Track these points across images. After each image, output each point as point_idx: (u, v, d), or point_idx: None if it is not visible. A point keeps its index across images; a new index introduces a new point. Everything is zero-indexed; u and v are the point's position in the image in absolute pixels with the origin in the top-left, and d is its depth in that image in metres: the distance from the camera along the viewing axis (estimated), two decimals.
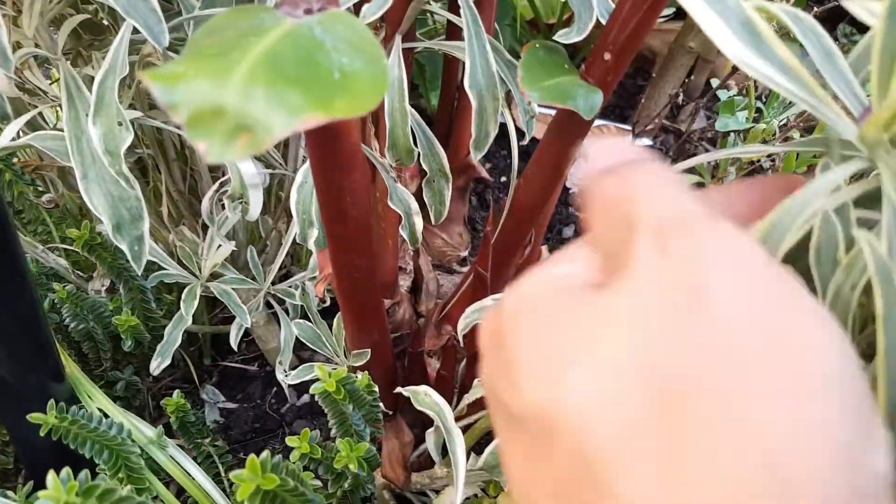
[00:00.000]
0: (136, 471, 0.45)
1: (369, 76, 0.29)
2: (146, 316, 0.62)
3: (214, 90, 0.27)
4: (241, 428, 0.70)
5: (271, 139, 0.26)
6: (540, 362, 0.21)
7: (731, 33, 0.26)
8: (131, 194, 0.51)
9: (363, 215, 0.44)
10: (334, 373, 0.46)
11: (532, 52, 0.43)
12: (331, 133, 0.38)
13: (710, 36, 0.26)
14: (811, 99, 0.25)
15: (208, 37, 0.32)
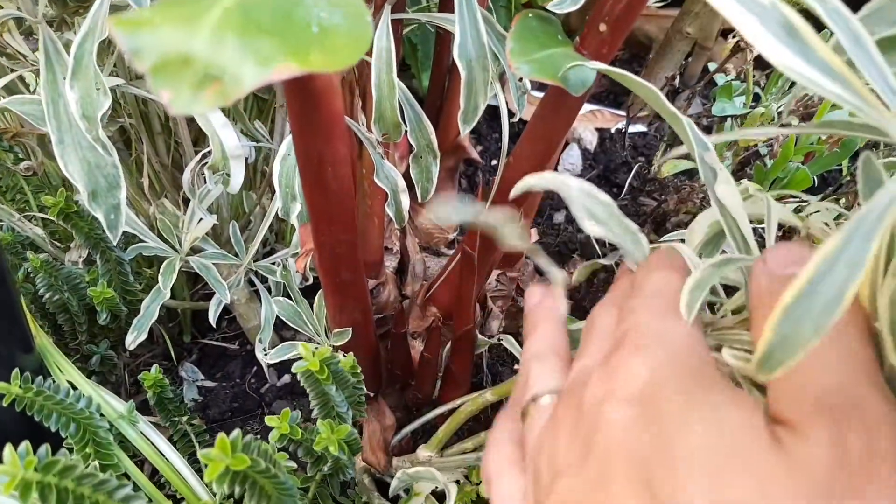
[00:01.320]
0: (105, 446, 0.44)
1: (349, 31, 0.27)
2: (124, 289, 0.61)
3: (182, 37, 0.25)
4: (220, 407, 0.68)
5: (241, 90, 0.25)
6: (712, 474, 0.23)
7: (773, 37, 0.24)
8: (108, 161, 0.50)
9: (345, 187, 0.42)
10: (318, 352, 0.45)
11: (524, 21, 0.42)
12: (312, 98, 0.36)
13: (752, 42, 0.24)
14: (859, 102, 0.23)
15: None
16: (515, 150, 0.52)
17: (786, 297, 0.19)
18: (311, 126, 0.38)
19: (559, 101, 0.46)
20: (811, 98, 0.57)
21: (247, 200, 0.71)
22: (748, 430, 0.24)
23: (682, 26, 0.97)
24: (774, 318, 0.19)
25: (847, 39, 0.25)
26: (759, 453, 0.23)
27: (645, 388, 0.27)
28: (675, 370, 0.27)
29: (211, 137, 0.52)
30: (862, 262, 0.19)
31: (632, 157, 0.98)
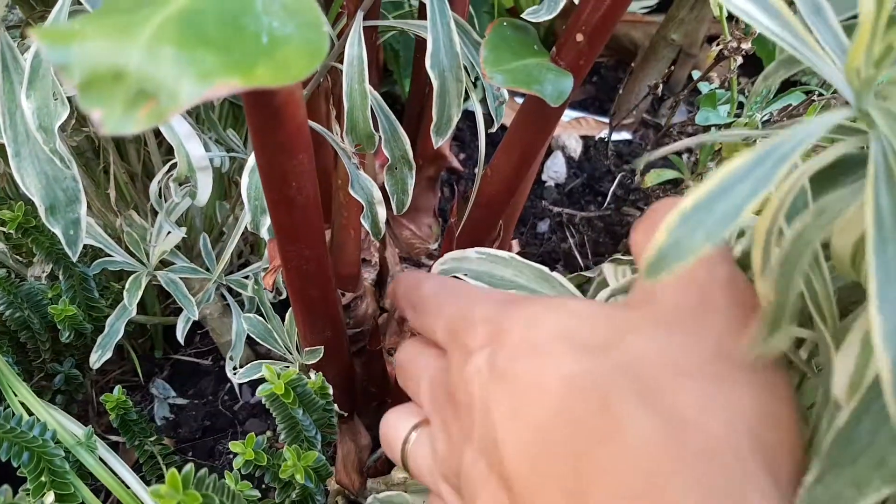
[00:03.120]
0: (61, 475, 0.42)
1: (302, 43, 0.25)
2: (89, 305, 0.59)
3: (115, 50, 0.23)
4: (191, 426, 0.66)
5: (177, 107, 0.23)
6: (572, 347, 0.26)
7: None
8: (67, 174, 0.47)
9: (311, 202, 0.40)
10: (284, 374, 0.43)
11: (498, 30, 0.40)
12: (272, 111, 0.34)
13: None
14: (795, 41, 0.23)
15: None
16: (493, 162, 0.50)
17: (685, 203, 0.19)
18: (272, 140, 0.36)
19: (536, 111, 0.44)
20: (796, 108, 0.56)
21: (220, 212, 0.69)
22: (593, 307, 0.28)
23: (667, 33, 0.96)
24: (670, 222, 0.19)
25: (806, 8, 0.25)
26: (606, 312, 0.27)
27: (490, 333, 0.29)
28: (507, 308, 0.30)
29: (176, 148, 0.50)
30: (767, 182, 0.19)
31: (617, 166, 0.97)
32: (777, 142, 0.20)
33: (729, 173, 0.19)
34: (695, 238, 0.19)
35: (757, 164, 0.20)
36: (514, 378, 0.27)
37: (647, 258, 0.19)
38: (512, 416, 0.26)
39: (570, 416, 0.25)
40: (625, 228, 0.84)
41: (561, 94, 0.40)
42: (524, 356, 0.27)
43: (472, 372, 0.29)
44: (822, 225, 0.21)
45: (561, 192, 0.94)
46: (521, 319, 0.29)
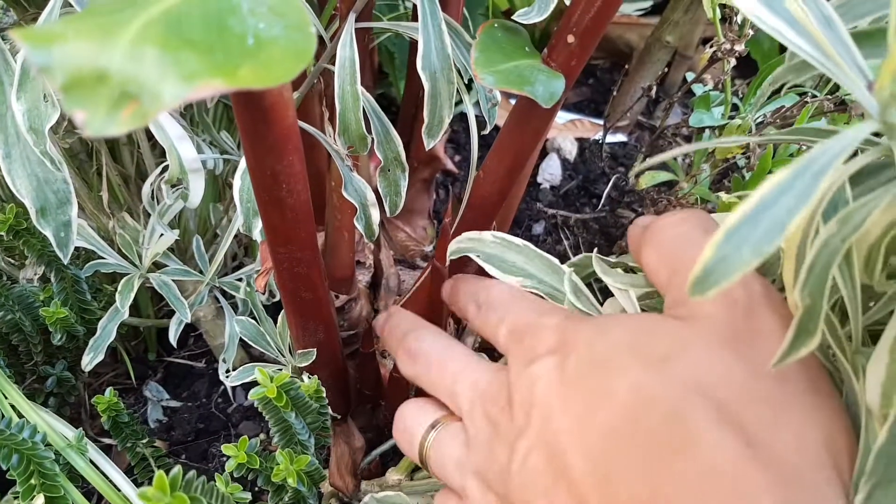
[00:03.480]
0: (50, 478, 0.42)
1: (289, 44, 0.25)
2: (81, 308, 0.58)
3: (98, 51, 0.23)
4: (184, 428, 0.66)
5: (159, 109, 0.22)
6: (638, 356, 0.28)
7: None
8: (58, 176, 0.47)
9: (302, 204, 0.40)
10: (276, 377, 0.43)
11: (489, 31, 0.40)
12: (262, 112, 0.34)
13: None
14: (820, 56, 0.24)
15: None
16: (485, 164, 0.50)
17: (730, 220, 0.20)
18: (262, 141, 0.36)
19: (528, 113, 0.44)
20: (789, 110, 0.56)
21: (214, 214, 0.69)
22: (651, 319, 0.29)
23: (661, 35, 0.96)
24: (717, 239, 0.19)
25: (818, 21, 0.25)
26: (667, 326, 0.28)
27: (559, 340, 0.31)
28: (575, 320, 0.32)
29: (168, 150, 0.50)
30: (809, 196, 0.19)
31: (612, 168, 0.97)
32: (813, 155, 0.20)
33: (771, 188, 0.20)
34: (742, 254, 0.19)
35: (797, 177, 0.20)
36: (583, 385, 0.28)
37: (693, 276, 0.20)
38: (580, 421, 0.27)
39: (640, 424, 0.26)
40: (619, 230, 0.84)
41: (552, 95, 0.40)
42: (592, 365, 0.29)
43: (538, 374, 0.30)
44: (847, 234, 0.22)
45: (556, 194, 0.94)
46: (588, 330, 0.30)
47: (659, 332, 0.29)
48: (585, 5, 0.38)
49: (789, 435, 0.24)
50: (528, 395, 0.30)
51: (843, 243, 0.22)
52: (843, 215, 0.22)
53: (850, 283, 0.24)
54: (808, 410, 0.25)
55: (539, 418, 0.29)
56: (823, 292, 0.22)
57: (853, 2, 0.29)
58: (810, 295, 0.22)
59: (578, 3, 0.39)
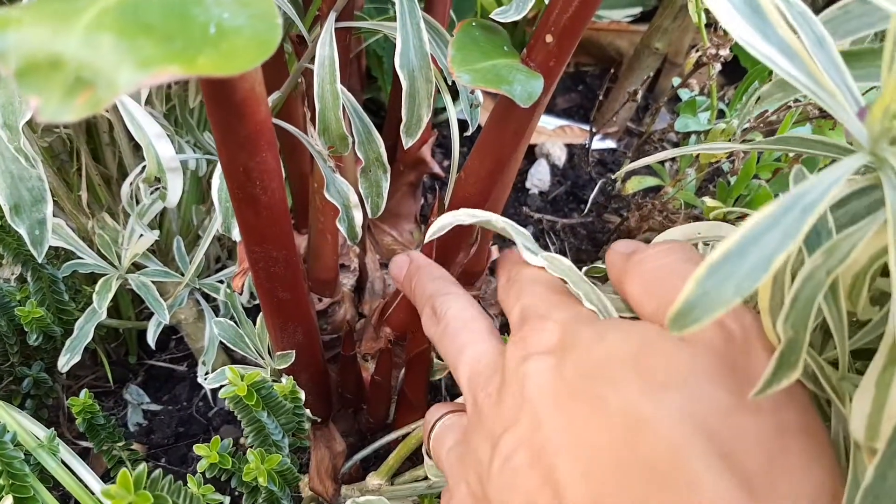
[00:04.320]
0: (20, 478, 0.41)
1: (252, 34, 0.25)
2: (58, 308, 0.58)
3: (53, 37, 0.23)
4: (164, 432, 0.65)
5: (115, 95, 0.22)
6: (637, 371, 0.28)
7: (734, 9, 0.24)
8: (33, 174, 0.47)
9: (277, 202, 0.40)
10: (247, 376, 0.42)
11: (467, 30, 0.40)
12: (232, 107, 0.34)
13: (712, 9, 0.24)
14: (814, 86, 0.23)
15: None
16: (466, 165, 0.50)
17: (714, 255, 0.19)
18: (233, 137, 0.35)
19: (507, 113, 0.44)
20: (773, 114, 0.56)
21: (196, 215, 0.69)
22: (657, 333, 0.28)
23: (650, 42, 0.96)
24: (699, 274, 0.19)
25: (810, 41, 0.25)
26: (670, 347, 0.27)
27: (560, 340, 0.30)
28: (580, 321, 0.31)
29: (145, 148, 0.49)
30: (796, 233, 0.19)
31: (601, 174, 0.97)
32: (802, 190, 0.20)
33: (756, 223, 0.19)
34: (724, 290, 0.19)
35: (784, 213, 0.19)
36: (578, 392, 0.28)
37: (674, 310, 0.19)
38: (571, 430, 0.27)
39: (634, 451, 0.25)
40: (606, 235, 0.84)
41: (530, 94, 0.40)
42: (589, 373, 0.28)
43: (533, 370, 0.29)
44: (832, 265, 0.22)
45: (545, 199, 0.94)
46: (589, 333, 0.30)
47: (660, 350, 0.28)
48: (563, 5, 0.38)
49: (785, 483, 0.24)
50: (520, 389, 0.30)
51: (828, 276, 0.21)
52: (828, 247, 0.22)
53: (836, 312, 0.23)
54: (805, 459, 0.25)
55: (528, 418, 0.29)
56: (807, 325, 0.22)
57: (839, 18, 0.28)
58: (793, 327, 0.22)
59: (556, 2, 0.38)
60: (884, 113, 0.21)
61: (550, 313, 0.32)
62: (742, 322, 0.27)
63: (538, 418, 0.28)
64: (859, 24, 0.28)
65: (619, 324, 0.30)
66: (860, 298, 0.24)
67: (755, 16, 0.25)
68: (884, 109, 0.20)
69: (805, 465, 0.24)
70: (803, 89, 0.23)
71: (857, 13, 0.27)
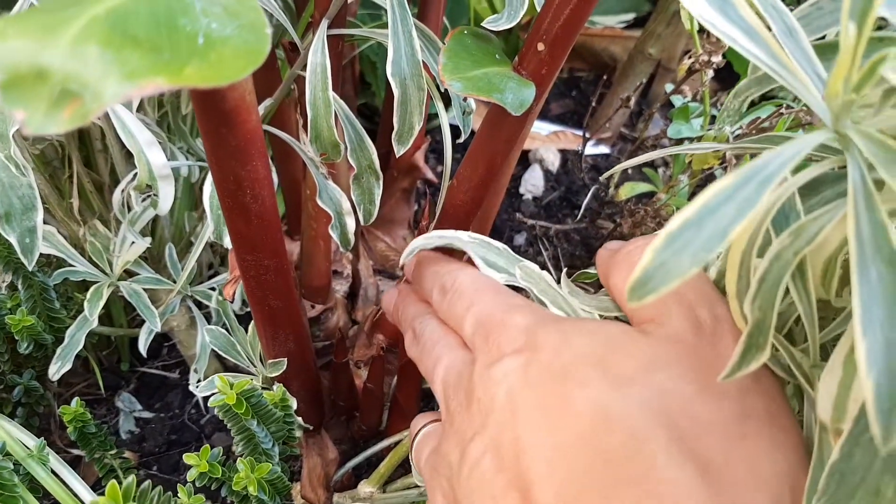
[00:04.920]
0: (9, 488, 0.41)
1: (240, 44, 0.25)
2: (49, 316, 0.57)
3: (39, 49, 0.23)
4: (156, 440, 0.65)
5: (101, 107, 0.22)
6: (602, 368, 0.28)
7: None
8: (23, 181, 0.47)
9: (268, 210, 0.40)
10: (236, 384, 0.42)
11: (458, 38, 0.40)
12: (223, 116, 0.34)
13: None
14: (775, 65, 0.23)
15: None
16: (458, 172, 0.50)
17: (671, 225, 0.19)
18: (224, 146, 0.35)
19: (499, 121, 0.44)
20: (766, 121, 0.56)
21: (189, 222, 0.69)
22: (620, 332, 0.29)
23: (644, 47, 0.96)
24: (656, 244, 0.19)
25: (780, 31, 0.25)
26: (634, 343, 0.28)
27: (525, 343, 0.30)
28: (543, 323, 0.31)
29: (136, 156, 0.49)
30: (753, 204, 0.19)
31: (594, 179, 0.97)
32: (761, 162, 0.20)
33: (714, 194, 0.19)
34: (681, 260, 0.19)
35: (742, 184, 0.19)
36: (544, 394, 0.28)
37: (632, 280, 0.19)
38: (538, 431, 0.27)
39: (599, 446, 0.25)
40: (599, 241, 0.84)
41: (522, 103, 0.40)
42: (556, 374, 0.28)
43: (500, 375, 0.29)
44: (800, 247, 0.22)
45: (538, 205, 0.94)
46: (555, 335, 0.30)
47: (625, 347, 0.28)
48: (555, 13, 0.38)
49: (744, 469, 0.24)
50: (488, 395, 0.30)
51: (795, 256, 0.21)
52: (795, 228, 0.22)
53: (806, 297, 0.23)
54: (768, 444, 0.25)
55: (496, 422, 0.29)
56: (774, 305, 0.22)
57: (812, 14, 0.29)
58: (760, 308, 0.22)
59: (548, 11, 0.38)
60: (843, 83, 0.20)
61: (510, 318, 0.32)
62: (714, 312, 0.28)
63: (504, 422, 0.28)
64: (832, 19, 0.28)
65: (584, 324, 0.31)
66: (832, 284, 0.24)
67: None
68: (843, 79, 0.20)
69: (768, 450, 0.25)
70: (766, 69, 0.23)
71: (829, 9, 0.28)
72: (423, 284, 0.40)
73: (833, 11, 0.28)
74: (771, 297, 0.22)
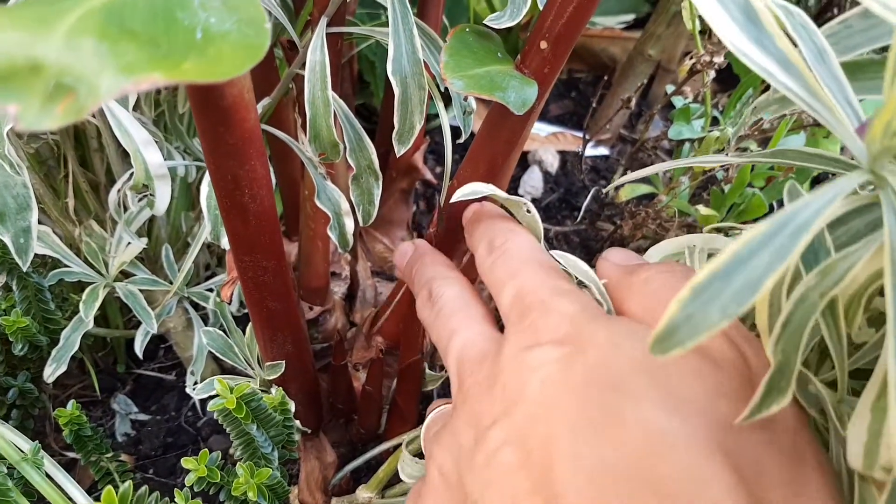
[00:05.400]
0: (3, 492, 0.40)
1: (240, 39, 0.24)
2: (44, 317, 0.57)
3: (33, 41, 0.22)
4: (153, 442, 0.64)
5: (97, 101, 0.21)
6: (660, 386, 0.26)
7: (730, 19, 0.23)
8: (17, 181, 0.46)
9: (267, 210, 0.39)
10: (236, 388, 0.41)
11: (460, 36, 0.39)
12: (221, 114, 0.33)
13: (707, 18, 0.23)
14: (813, 101, 0.22)
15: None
16: (458, 173, 0.49)
17: (698, 277, 0.18)
18: (222, 145, 0.35)
19: (500, 120, 0.43)
20: (767, 122, 0.55)
21: (186, 222, 0.68)
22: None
23: (644, 48, 0.96)
24: (683, 296, 0.18)
25: (810, 53, 0.24)
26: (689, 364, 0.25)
27: (568, 334, 0.27)
28: (590, 317, 0.28)
29: (133, 155, 0.48)
30: (786, 255, 0.18)
31: (594, 181, 0.96)
32: (794, 209, 0.19)
33: (745, 243, 0.19)
34: (709, 313, 0.18)
35: (775, 233, 0.19)
36: (588, 399, 0.25)
37: (657, 332, 0.18)
38: (577, 440, 0.24)
39: (650, 474, 0.23)
40: (599, 243, 0.83)
41: (525, 101, 0.39)
42: (603, 379, 0.25)
43: (536, 363, 0.27)
44: (827, 287, 0.21)
45: (538, 206, 0.93)
46: (606, 334, 0.27)
47: (682, 365, 0.25)
48: (558, 11, 0.38)
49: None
50: (518, 381, 0.27)
51: (821, 298, 0.21)
52: (823, 267, 0.21)
53: (836, 334, 0.22)
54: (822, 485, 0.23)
55: (526, 414, 0.26)
56: (798, 349, 0.21)
57: (840, 34, 0.27)
58: (783, 351, 0.21)
59: (551, 8, 0.38)
60: (884, 130, 0.20)
61: (555, 302, 0.29)
62: (753, 347, 0.26)
63: (536, 416, 0.26)
64: (862, 39, 0.27)
65: (636, 329, 0.28)
66: (856, 320, 0.23)
67: (752, 25, 0.24)
68: (884, 126, 0.20)
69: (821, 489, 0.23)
70: (801, 104, 0.23)
71: (859, 28, 0.27)
72: (474, 234, 0.37)
73: (863, 31, 0.27)
74: (796, 340, 0.21)
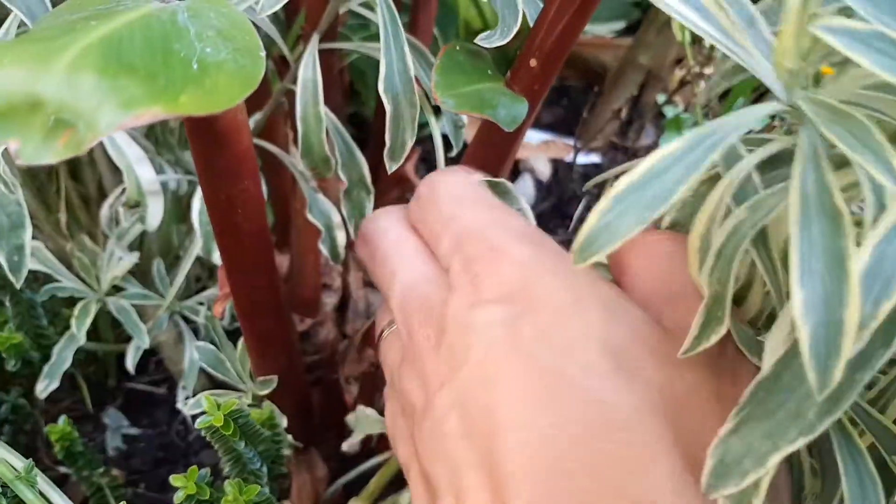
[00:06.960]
0: None
1: (236, 69, 0.24)
2: (37, 333, 0.57)
3: (32, 78, 0.22)
4: (143, 457, 0.64)
5: (96, 136, 0.22)
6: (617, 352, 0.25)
7: None
8: (11, 199, 0.46)
9: (259, 229, 0.39)
10: (224, 405, 0.41)
11: (450, 54, 0.40)
12: (214, 137, 0.33)
13: None
14: (725, 39, 0.24)
15: (49, 20, 0.28)
16: None
17: (618, 186, 0.20)
18: (215, 166, 0.35)
19: (491, 136, 0.44)
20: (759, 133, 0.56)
21: (177, 235, 0.68)
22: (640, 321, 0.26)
23: (635, 56, 0.96)
24: (602, 206, 0.20)
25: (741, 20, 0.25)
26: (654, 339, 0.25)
27: (519, 285, 0.26)
28: (546, 263, 0.27)
29: (125, 172, 0.48)
30: (698, 167, 0.20)
31: (584, 189, 0.97)
32: (710, 129, 0.21)
33: (661, 158, 0.20)
34: (625, 221, 0.19)
35: (689, 149, 0.20)
36: (535, 368, 0.24)
37: (578, 242, 0.20)
38: (519, 411, 0.23)
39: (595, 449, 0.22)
40: None
41: (514, 119, 0.40)
42: (556, 348, 0.24)
43: (482, 324, 0.25)
44: (757, 220, 0.22)
45: None
46: (558, 287, 0.25)
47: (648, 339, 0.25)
48: (547, 29, 0.38)
49: None
50: (463, 343, 0.25)
51: (752, 229, 0.22)
52: (752, 202, 0.22)
53: (767, 259, 0.23)
54: None
55: (468, 380, 0.24)
56: (729, 278, 0.22)
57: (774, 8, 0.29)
58: (718, 281, 0.23)
59: (541, 27, 0.38)
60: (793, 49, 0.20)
61: (504, 247, 0.27)
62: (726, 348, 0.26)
63: (476, 383, 0.24)
64: None
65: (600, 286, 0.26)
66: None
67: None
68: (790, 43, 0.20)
69: None
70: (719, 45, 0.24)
71: None
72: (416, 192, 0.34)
73: None
74: (728, 269, 0.22)
